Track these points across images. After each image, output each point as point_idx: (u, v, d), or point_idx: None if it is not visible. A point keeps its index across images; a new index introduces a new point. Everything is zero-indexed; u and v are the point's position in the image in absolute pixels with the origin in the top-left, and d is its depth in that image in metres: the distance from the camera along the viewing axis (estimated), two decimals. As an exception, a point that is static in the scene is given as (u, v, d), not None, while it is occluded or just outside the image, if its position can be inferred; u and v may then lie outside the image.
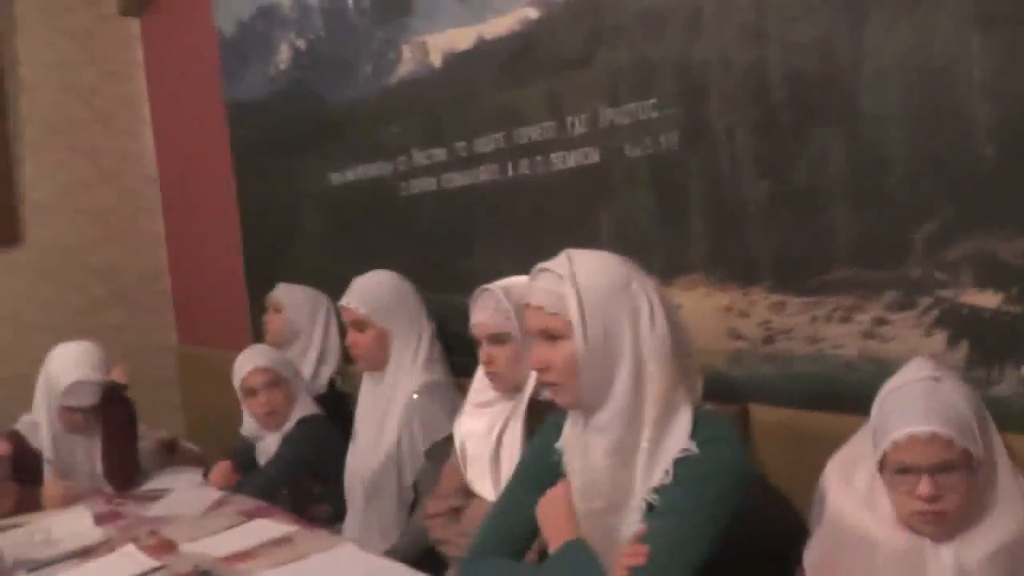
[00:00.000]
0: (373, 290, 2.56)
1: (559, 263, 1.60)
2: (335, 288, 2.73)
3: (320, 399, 3.02)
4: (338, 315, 2.96)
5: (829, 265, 1.77)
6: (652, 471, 1.54)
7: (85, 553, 2.32)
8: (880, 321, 1.70)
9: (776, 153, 1.83)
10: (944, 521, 1.37)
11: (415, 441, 2.44)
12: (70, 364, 2.79)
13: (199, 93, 4.18)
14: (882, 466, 1.41)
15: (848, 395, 1.73)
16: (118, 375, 2.91)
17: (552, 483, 1.69)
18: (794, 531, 1.67)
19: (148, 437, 3.50)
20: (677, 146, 2.02)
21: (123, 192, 4.69)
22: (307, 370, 3.18)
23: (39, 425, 2.84)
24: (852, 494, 1.48)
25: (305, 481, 2.88)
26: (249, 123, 3.80)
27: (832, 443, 1.61)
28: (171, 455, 3.33)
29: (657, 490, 1.53)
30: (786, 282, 1.85)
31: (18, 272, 4.41)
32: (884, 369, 1.60)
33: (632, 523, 1.55)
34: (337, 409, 3.00)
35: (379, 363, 2.54)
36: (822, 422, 1.78)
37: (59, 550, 2.34)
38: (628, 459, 1.56)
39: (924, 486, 1.34)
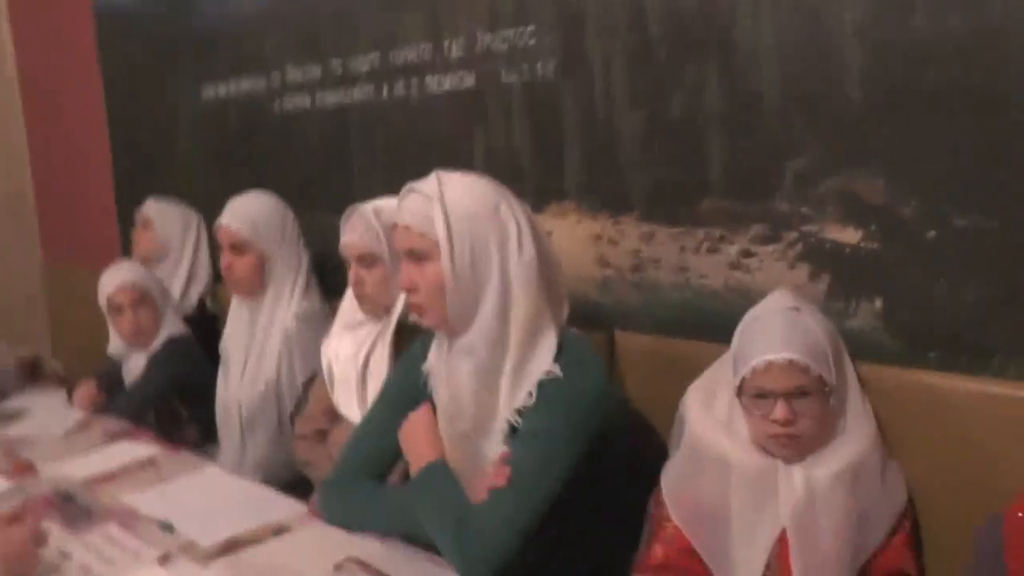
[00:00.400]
0: (255, 213, 2.44)
1: (428, 184, 1.57)
2: (207, 205, 2.64)
3: (189, 319, 2.93)
4: (210, 234, 2.86)
5: (700, 197, 1.79)
6: (516, 393, 1.54)
7: (-64, 475, 2.20)
8: (746, 253, 1.73)
9: (652, 84, 1.83)
10: (797, 444, 1.42)
11: (294, 372, 2.39)
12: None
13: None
14: (740, 391, 1.44)
15: (712, 324, 1.76)
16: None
17: (417, 404, 1.68)
18: (655, 454, 1.70)
19: (9, 355, 3.36)
20: (553, 74, 1.99)
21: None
22: (176, 289, 3.09)
23: None
24: (711, 418, 1.51)
25: (172, 403, 2.80)
26: (120, 31, 3.59)
27: (695, 369, 1.64)
28: (33, 375, 3.19)
29: (520, 412, 1.53)
30: (657, 212, 1.86)
31: None
32: (748, 300, 1.63)
33: (496, 445, 1.56)
34: (206, 330, 2.91)
35: (255, 288, 2.46)
36: (686, 349, 1.81)
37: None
38: (492, 381, 1.55)
39: (780, 410, 1.38)
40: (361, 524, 1.66)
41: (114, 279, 2.72)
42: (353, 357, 2.11)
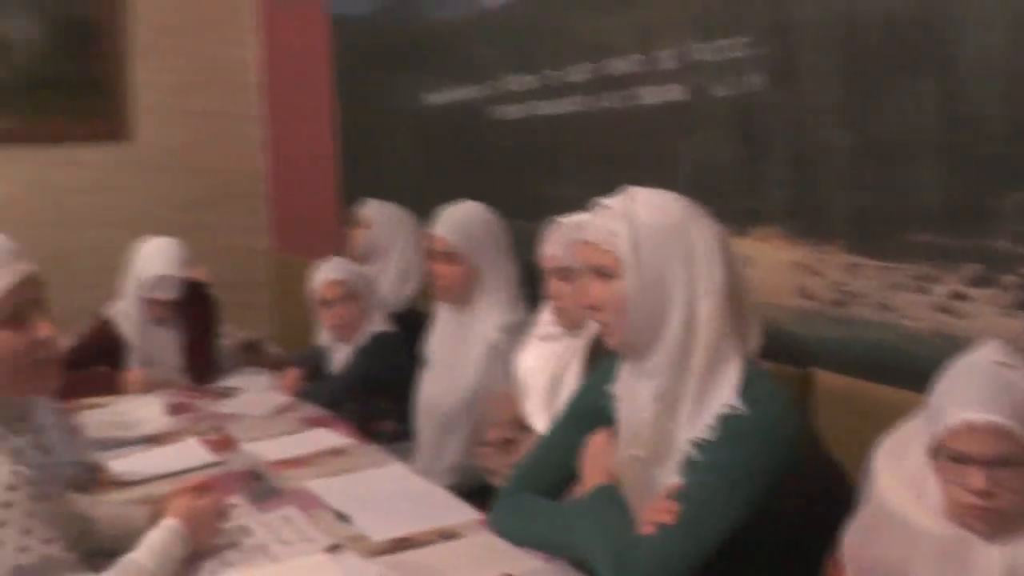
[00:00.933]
0: (467, 224, 2.44)
1: (618, 199, 1.53)
2: (421, 209, 2.68)
3: (398, 317, 3.01)
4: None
5: (908, 229, 1.63)
6: (695, 423, 1.48)
7: (152, 440, 2.39)
8: (957, 295, 1.57)
9: (863, 102, 1.69)
10: (996, 519, 1.26)
11: (493, 382, 2.37)
12: (155, 258, 2.85)
13: (304, 4, 4.16)
14: (935, 451, 1.30)
15: (915, 370, 1.60)
16: (200, 274, 2.96)
17: (600, 425, 1.64)
18: (843, 505, 1.57)
19: (232, 336, 3.59)
20: (762, 88, 1.89)
21: (227, 96, 4.75)
22: (387, 287, 3.17)
23: (125, 314, 2.92)
24: (900, 477, 1.37)
25: (371, 396, 2.88)
26: (351, 37, 3.76)
27: (894, 418, 1.49)
28: (253, 356, 3.40)
29: (698, 444, 1.46)
30: (862, 243, 1.72)
31: (125, 168, 4.54)
32: (956, 347, 1.47)
33: (671, 474, 1.50)
34: (413, 329, 2.97)
35: (463, 298, 2.45)
36: (886, 395, 1.67)
37: (130, 433, 2.43)
38: (673, 408, 1.50)
39: (977, 479, 1.23)
40: (527, 539, 1.64)
41: (324, 274, 2.84)
42: (545, 369, 2.11)
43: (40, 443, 1.50)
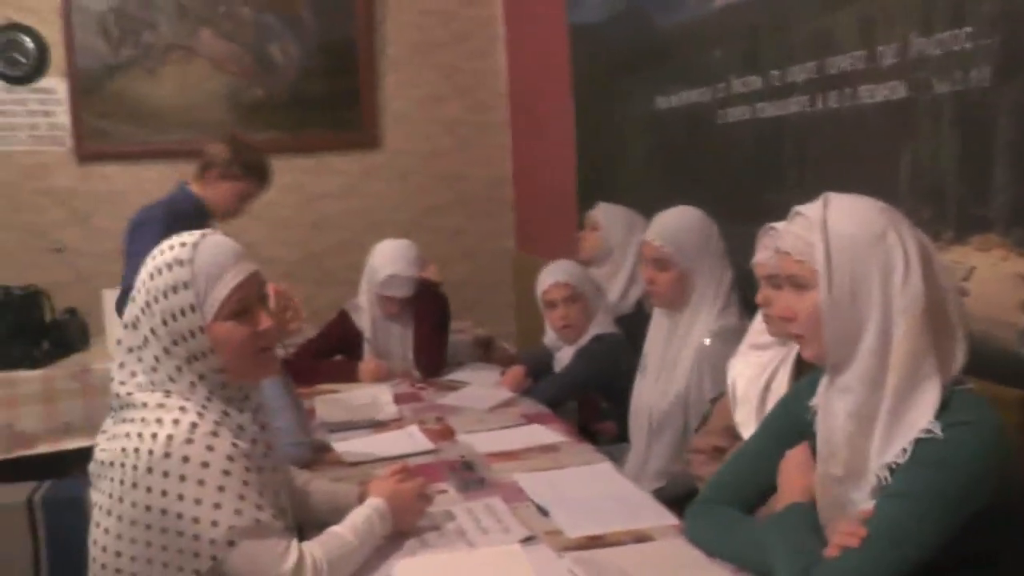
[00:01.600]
0: (680, 230, 2.42)
1: (814, 207, 1.45)
2: (651, 210, 2.66)
3: (625, 319, 3.02)
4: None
5: None
6: (889, 445, 1.38)
7: (378, 425, 2.55)
8: None
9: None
10: None
11: (703, 387, 2.35)
12: (389, 258, 3.02)
13: (546, 15, 4.27)
14: None
15: None
16: (432, 273, 3.11)
17: (799, 439, 1.58)
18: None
19: (468, 332, 3.75)
20: (989, 82, 1.73)
21: (474, 106, 4.96)
22: (616, 289, 3.19)
23: (362, 309, 3.12)
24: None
25: (593, 396, 2.91)
26: (588, 45, 3.82)
27: None
28: (485, 352, 3.53)
29: (891, 468, 1.37)
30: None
31: (376, 173, 4.86)
32: None
33: (866, 496, 1.41)
34: (638, 331, 2.96)
35: (676, 303, 2.44)
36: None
37: (358, 418, 2.59)
38: (867, 426, 1.41)
39: None
40: (719, 550, 1.61)
41: (550, 276, 2.90)
42: (756, 378, 2.04)
43: (261, 421, 1.64)
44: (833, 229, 1.41)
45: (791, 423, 1.63)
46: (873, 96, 2.08)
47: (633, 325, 2.96)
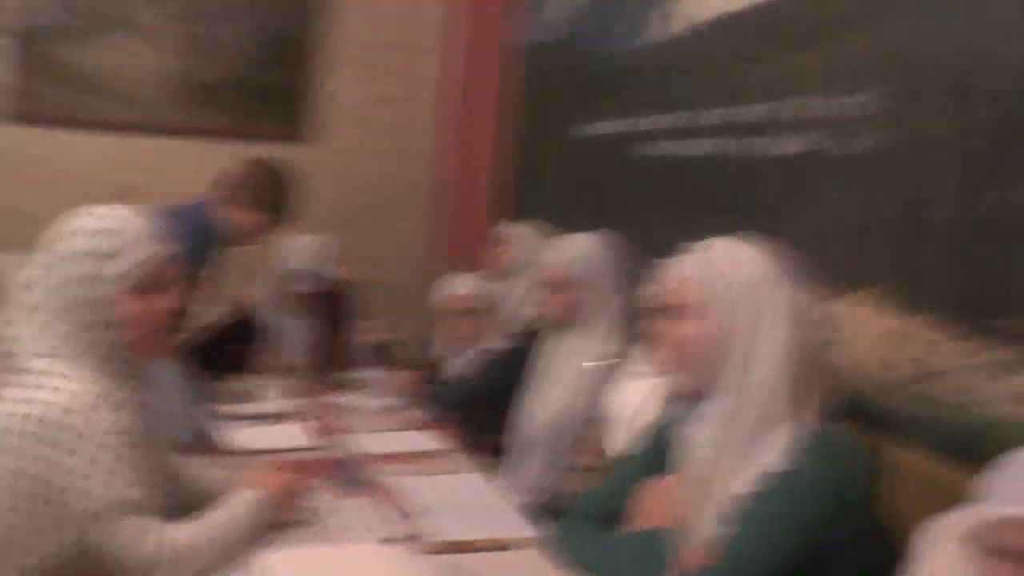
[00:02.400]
0: (577, 255, 2.50)
1: (704, 246, 1.55)
2: (561, 233, 2.71)
3: (516, 336, 3.07)
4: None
5: (999, 312, 1.56)
6: (739, 477, 1.46)
7: (268, 418, 2.56)
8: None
9: (969, 174, 1.63)
10: None
11: (580, 407, 2.41)
12: (298, 253, 3.04)
13: (485, 31, 4.34)
14: (973, 541, 1.24)
15: (990, 459, 1.53)
16: (340, 272, 3.11)
17: (663, 464, 1.66)
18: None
19: (372, 334, 3.76)
20: (874, 150, 1.85)
21: (407, 111, 4.98)
22: (513, 305, 3.24)
23: (268, 302, 3.12)
24: (938, 560, 1.31)
25: (478, 408, 2.95)
26: (520, 66, 3.92)
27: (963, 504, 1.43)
28: (384, 355, 3.56)
29: (738, 499, 1.45)
30: (951, 321, 1.65)
31: (307, 167, 4.80)
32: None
33: (713, 523, 1.48)
34: (530, 347, 3.03)
35: (567, 325, 2.51)
36: (957, 480, 1.59)
37: (250, 409, 2.62)
38: (721, 458, 1.49)
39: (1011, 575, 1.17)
40: (577, 563, 1.67)
41: (447, 288, 2.97)
42: (628, 404, 2.12)
43: (143, 400, 1.65)
44: (716, 269, 1.50)
45: (659, 448, 1.70)
46: (774, 148, 2.19)
47: (525, 342, 3.04)
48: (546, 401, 2.49)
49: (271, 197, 2.89)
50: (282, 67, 4.71)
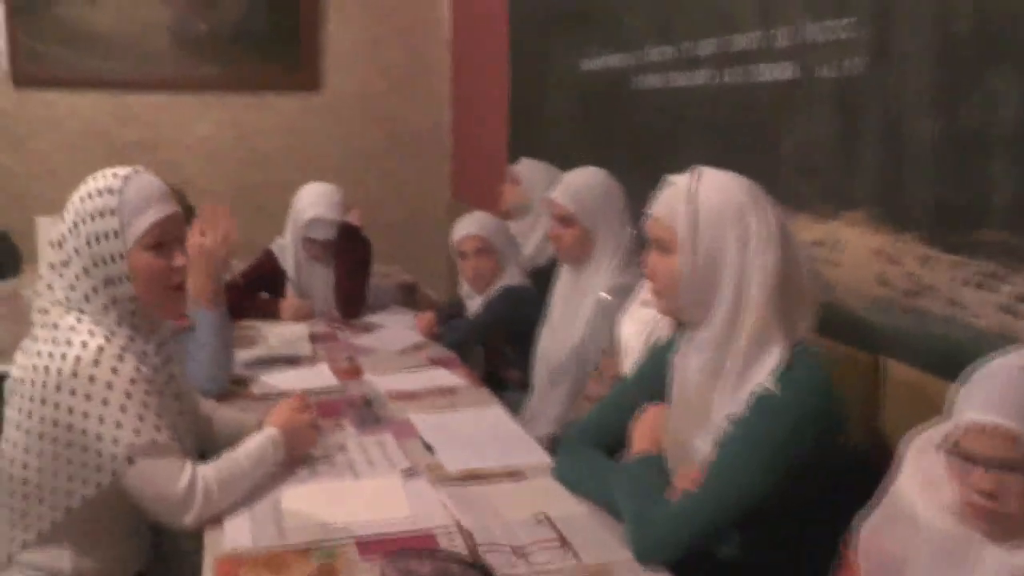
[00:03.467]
0: (583, 189, 2.53)
1: (685, 178, 1.59)
2: (570, 169, 2.75)
3: (539, 272, 3.13)
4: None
5: (980, 224, 1.59)
6: (732, 399, 1.53)
7: (291, 362, 2.66)
8: (1021, 297, 1.53)
9: (949, 90, 1.65)
10: (1001, 522, 1.24)
11: (598, 339, 2.46)
12: (312, 201, 3.11)
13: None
14: (947, 449, 1.30)
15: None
16: (354, 218, 3.19)
17: (662, 387, 1.72)
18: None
19: (394, 277, 3.85)
20: (862, 71, 1.87)
21: (415, 52, 5.03)
22: (532, 243, 3.30)
23: (287, 249, 3.21)
24: (919, 468, 1.38)
25: (499, 344, 3.04)
26: (526, 2, 3.91)
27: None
28: (407, 296, 3.64)
29: (731, 420, 1.52)
30: (936, 235, 1.69)
31: (314, 114, 4.91)
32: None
33: (708, 445, 1.56)
34: (550, 283, 3.10)
35: (579, 260, 2.56)
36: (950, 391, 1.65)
37: (274, 354, 2.71)
38: (715, 382, 1.56)
39: (979, 479, 1.22)
40: (578, 489, 1.76)
41: (463, 228, 3.01)
42: (640, 332, 2.17)
43: (166, 353, 1.76)
44: (700, 199, 1.55)
45: (655, 373, 1.77)
46: (767, 75, 2.20)
47: (547, 278, 3.09)
48: (565, 334, 2.55)
49: None
50: (280, 13, 4.73)
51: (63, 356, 1.57)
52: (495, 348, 3.05)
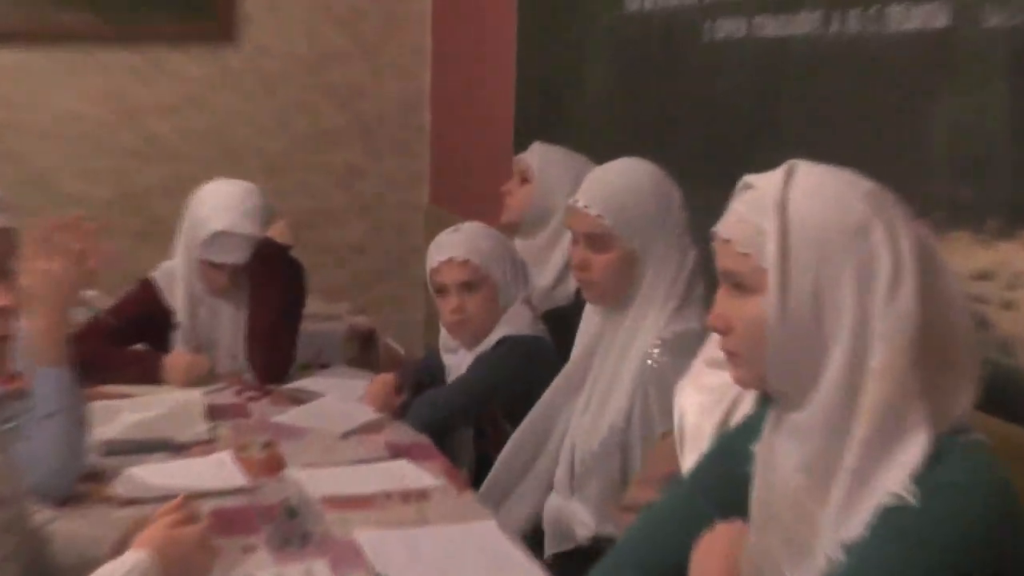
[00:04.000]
0: (623, 193, 2.48)
1: (772, 179, 1.52)
2: (609, 156, 2.70)
3: (557, 314, 3.07)
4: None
5: None
6: (848, 514, 1.47)
7: (180, 449, 2.61)
8: None
9: None
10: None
11: (650, 417, 2.42)
12: (219, 208, 3.05)
13: None
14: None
15: None
16: (278, 232, 3.13)
17: (737, 495, 1.67)
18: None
19: (343, 319, 3.80)
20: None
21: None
22: (549, 273, 3.25)
23: (176, 278, 3.15)
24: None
25: (497, 422, 2.97)
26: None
27: None
28: (363, 349, 3.58)
29: (848, 547, 1.45)
30: None
31: (230, 79, 4.94)
32: None
33: (809, 581, 1.52)
34: (573, 333, 3.03)
35: (617, 296, 2.51)
36: None
37: (151, 435, 2.65)
38: (822, 487, 1.50)
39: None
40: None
41: (443, 249, 2.92)
42: (712, 408, 2.11)
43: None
44: (796, 213, 1.48)
45: (727, 473, 1.73)
46: (906, 21, 2.18)
47: (568, 323, 3.01)
48: (598, 413, 2.50)
49: None
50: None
51: None
52: (492, 425, 2.98)
